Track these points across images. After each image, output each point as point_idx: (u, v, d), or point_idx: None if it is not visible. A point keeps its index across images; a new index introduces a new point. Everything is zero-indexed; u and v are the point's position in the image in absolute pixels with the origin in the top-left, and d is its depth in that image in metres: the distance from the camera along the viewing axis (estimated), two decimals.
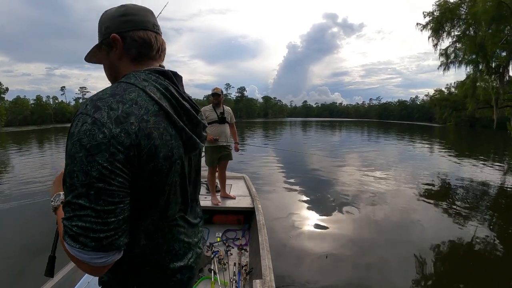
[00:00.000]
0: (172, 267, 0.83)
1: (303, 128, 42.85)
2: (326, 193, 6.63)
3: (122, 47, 0.78)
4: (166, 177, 0.74)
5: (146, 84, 0.73)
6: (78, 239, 0.60)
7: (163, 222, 0.81)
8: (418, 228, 4.65)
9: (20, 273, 3.36)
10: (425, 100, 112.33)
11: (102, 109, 0.63)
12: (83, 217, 0.60)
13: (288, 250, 3.82)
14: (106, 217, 0.62)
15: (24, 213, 5.38)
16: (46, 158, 12.75)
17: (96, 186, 0.60)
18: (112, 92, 0.68)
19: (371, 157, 12.68)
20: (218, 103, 4.02)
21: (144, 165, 0.68)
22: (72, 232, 0.61)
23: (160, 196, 0.76)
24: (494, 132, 29.17)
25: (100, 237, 0.61)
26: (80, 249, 0.61)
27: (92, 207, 0.60)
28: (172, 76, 0.81)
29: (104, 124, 0.61)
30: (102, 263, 0.64)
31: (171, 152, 0.74)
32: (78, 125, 0.62)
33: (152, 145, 0.68)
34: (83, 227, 0.60)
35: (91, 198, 0.60)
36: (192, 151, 0.84)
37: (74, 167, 0.60)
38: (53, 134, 31.24)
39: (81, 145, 0.60)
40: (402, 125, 57.33)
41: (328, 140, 22.89)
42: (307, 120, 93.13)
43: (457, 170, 9.85)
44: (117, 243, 0.64)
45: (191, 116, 0.83)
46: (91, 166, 0.60)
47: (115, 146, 0.62)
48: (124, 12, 0.79)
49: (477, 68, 12.85)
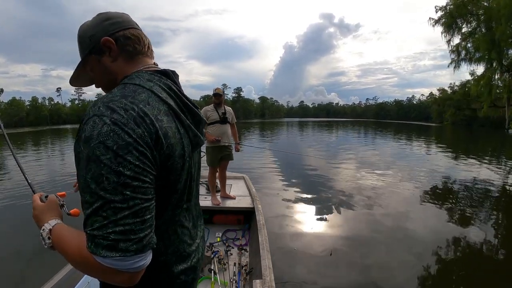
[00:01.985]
0: (177, 268, 0.83)
1: (300, 128, 42.92)
2: (325, 193, 6.65)
3: (117, 48, 0.78)
4: (180, 175, 0.75)
5: (151, 84, 0.74)
6: (118, 246, 0.57)
7: (172, 221, 0.81)
8: (416, 227, 4.67)
9: (18, 274, 3.35)
10: (421, 99, 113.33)
11: (118, 110, 0.62)
12: (120, 220, 0.58)
13: (288, 250, 3.82)
14: (143, 215, 0.61)
15: (19, 215, 5.34)
16: (41, 161, 12.68)
17: (131, 185, 0.59)
18: (122, 94, 0.67)
19: (368, 157, 12.73)
20: (220, 103, 4.02)
21: (163, 164, 0.68)
22: (109, 241, 0.57)
23: (173, 194, 0.76)
24: (491, 131, 29.41)
25: (140, 237, 0.60)
26: (121, 257, 0.58)
27: (130, 207, 0.59)
28: (172, 75, 0.82)
29: (126, 125, 0.60)
30: (142, 266, 0.62)
31: (183, 150, 0.75)
32: (96, 127, 0.59)
33: (169, 144, 0.69)
34: (122, 232, 0.58)
35: (127, 198, 0.58)
36: (197, 148, 0.86)
37: (101, 171, 0.57)
38: (49, 136, 31.01)
39: (107, 147, 0.58)
40: (399, 125, 57.53)
41: (325, 140, 22.94)
42: (304, 121, 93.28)
43: (457, 170, 9.91)
44: (153, 241, 0.64)
45: (194, 114, 0.84)
46: (123, 166, 0.58)
47: (142, 145, 0.61)
48: (106, 17, 0.79)
49: (490, 66, 12.46)
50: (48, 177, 8.80)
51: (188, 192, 0.85)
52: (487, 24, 11.51)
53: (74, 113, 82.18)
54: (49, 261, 3.36)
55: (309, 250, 3.84)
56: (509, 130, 34.29)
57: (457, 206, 5.90)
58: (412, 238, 4.22)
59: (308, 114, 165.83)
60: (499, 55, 10.98)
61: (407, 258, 3.66)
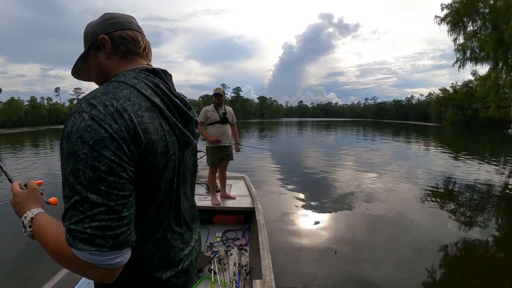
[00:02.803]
0: (167, 274, 0.82)
1: (299, 128, 42.97)
2: (324, 193, 6.65)
3: (111, 46, 0.81)
4: (162, 172, 0.74)
5: (136, 81, 0.75)
6: (94, 241, 0.58)
7: (159, 221, 0.80)
8: (415, 226, 4.68)
9: (18, 274, 3.35)
10: (420, 99, 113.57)
11: (98, 106, 0.63)
12: (96, 215, 0.58)
13: (288, 250, 3.82)
14: (120, 212, 0.61)
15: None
16: (40, 160, 12.66)
17: (107, 180, 0.59)
18: (104, 90, 0.69)
19: (367, 157, 12.75)
20: (220, 103, 4.02)
21: (143, 160, 0.68)
22: (86, 235, 0.58)
23: (156, 193, 0.76)
24: (490, 131, 29.47)
25: (117, 233, 0.60)
26: (97, 251, 0.58)
27: (105, 203, 0.59)
28: (161, 74, 0.82)
29: (103, 120, 0.61)
30: (119, 262, 0.62)
31: (167, 147, 0.74)
32: (76, 123, 0.61)
33: (149, 140, 0.68)
34: (98, 227, 0.58)
35: (102, 194, 0.59)
36: (186, 148, 0.85)
37: (79, 165, 0.58)
38: (48, 136, 30.95)
39: (83, 141, 0.59)
40: (398, 125, 57.63)
41: (324, 140, 22.98)
42: (303, 121, 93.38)
43: (457, 170, 9.92)
44: (131, 239, 0.64)
45: (183, 113, 0.83)
46: (98, 160, 0.59)
47: (118, 141, 0.62)
48: (109, 17, 0.84)
49: (496, 65, 12.21)
50: (47, 172, 8.80)
51: (176, 194, 0.84)
52: (493, 23, 11.24)
53: None
54: (49, 261, 3.34)
55: (309, 250, 3.84)
56: (508, 130, 34.46)
57: (457, 206, 5.91)
58: (411, 238, 4.22)
59: (307, 114, 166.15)
60: (506, 55, 10.81)
61: (408, 258, 3.66)
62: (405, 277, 3.25)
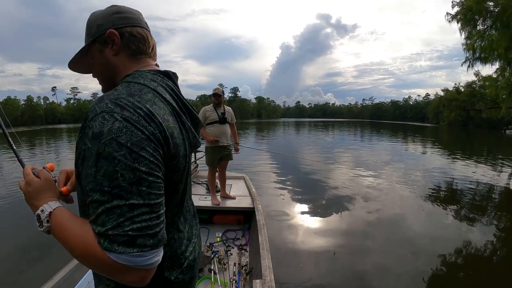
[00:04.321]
0: (174, 272, 0.83)
1: (297, 129, 43.00)
2: (324, 193, 6.69)
3: (120, 43, 0.77)
4: (181, 175, 0.76)
5: (155, 85, 0.74)
6: (136, 241, 0.57)
7: (171, 222, 0.80)
8: (413, 226, 4.70)
9: (18, 274, 3.33)
10: (418, 100, 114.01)
11: (127, 108, 0.61)
12: (137, 217, 0.57)
13: (288, 250, 3.82)
14: (158, 210, 0.61)
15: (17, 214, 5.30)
16: (36, 161, 12.58)
17: (147, 180, 0.59)
18: (128, 92, 0.66)
19: (365, 158, 12.81)
20: (219, 103, 4.00)
21: (169, 163, 0.68)
22: (126, 238, 0.56)
23: (175, 194, 0.76)
24: (487, 132, 29.63)
25: (156, 231, 0.60)
26: (139, 252, 0.57)
27: (147, 203, 0.58)
28: (173, 76, 0.82)
29: (138, 122, 0.60)
30: (156, 262, 0.61)
31: (186, 150, 0.76)
32: (106, 124, 0.58)
33: (175, 144, 0.69)
34: (139, 228, 0.57)
35: (143, 194, 0.58)
36: (195, 149, 0.87)
37: (116, 167, 0.56)
38: (44, 136, 30.75)
39: (119, 143, 0.57)
40: (396, 125, 57.86)
41: (321, 141, 23.02)
42: (301, 121, 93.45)
43: (457, 170, 9.99)
44: (165, 236, 0.64)
45: (193, 116, 0.84)
46: (139, 161, 0.58)
47: (155, 142, 0.62)
48: (117, 10, 0.79)
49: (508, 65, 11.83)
50: None
51: (183, 192, 0.85)
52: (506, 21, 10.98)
53: (70, 112, 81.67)
54: (49, 261, 3.34)
55: (309, 250, 3.85)
56: (507, 131, 34.64)
57: (457, 206, 5.95)
58: (411, 237, 4.24)
59: (304, 114, 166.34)
60: None
61: (406, 258, 3.68)
62: (404, 277, 3.27)
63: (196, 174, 5.31)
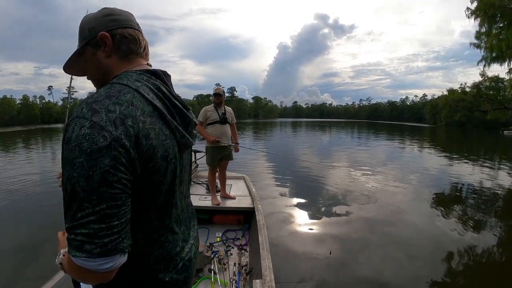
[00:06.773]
0: (168, 273, 0.84)
1: (294, 129, 43.04)
2: (324, 194, 6.69)
3: (112, 45, 0.78)
4: (163, 176, 0.74)
5: (139, 84, 0.74)
6: (83, 247, 0.59)
7: (161, 224, 0.81)
8: (410, 226, 4.72)
9: (18, 274, 3.32)
10: (415, 100, 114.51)
11: (100, 111, 0.62)
12: (86, 224, 0.59)
13: (288, 250, 3.82)
14: (109, 221, 0.61)
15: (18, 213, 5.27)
16: (33, 160, 12.49)
17: (98, 190, 0.59)
18: (107, 94, 0.67)
19: (364, 158, 12.84)
20: (220, 103, 4.00)
21: (144, 166, 0.68)
22: (77, 242, 0.60)
23: (157, 196, 0.76)
24: (485, 133, 29.73)
25: (104, 242, 0.60)
26: (86, 257, 0.60)
27: (95, 212, 0.59)
28: (162, 75, 0.82)
29: (104, 127, 0.61)
30: (109, 268, 0.63)
31: (167, 151, 0.74)
32: (76, 129, 0.60)
33: (150, 146, 0.68)
34: (87, 234, 0.59)
35: (93, 203, 0.59)
36: (185, 150, 0.85)
37: (74, 173, 0.59)
38: (39, 136, 30.55)
39: (81, 150, 0.59)
40: (393, 126, 58.00)
41: (319, 141, 23.05)
42: (298, 121, 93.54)
43: (457, 171, 10.03)
44: (121, 246, 0.64)
45: (183, 115, 0.83)
46: (93, 170, 0.58)
47: (117, 149, 0.61)
48: (109, 12, 0.80)
49: None
50: (39, 172, 8.74)
51: (175, 193, 0.85)
52: None
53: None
54: (49, 260, 3.31)
55: (309, 250, 3.85)
56: (505, 132, 34.81)
57: (457, 206, 5.98)
58: (407, 238, 4.26)
59: (301, 114, 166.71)
60: None
61: (404, 258, 3.69)
62: (403, 277, 3.28)
63: (196, 174, 5.30)
